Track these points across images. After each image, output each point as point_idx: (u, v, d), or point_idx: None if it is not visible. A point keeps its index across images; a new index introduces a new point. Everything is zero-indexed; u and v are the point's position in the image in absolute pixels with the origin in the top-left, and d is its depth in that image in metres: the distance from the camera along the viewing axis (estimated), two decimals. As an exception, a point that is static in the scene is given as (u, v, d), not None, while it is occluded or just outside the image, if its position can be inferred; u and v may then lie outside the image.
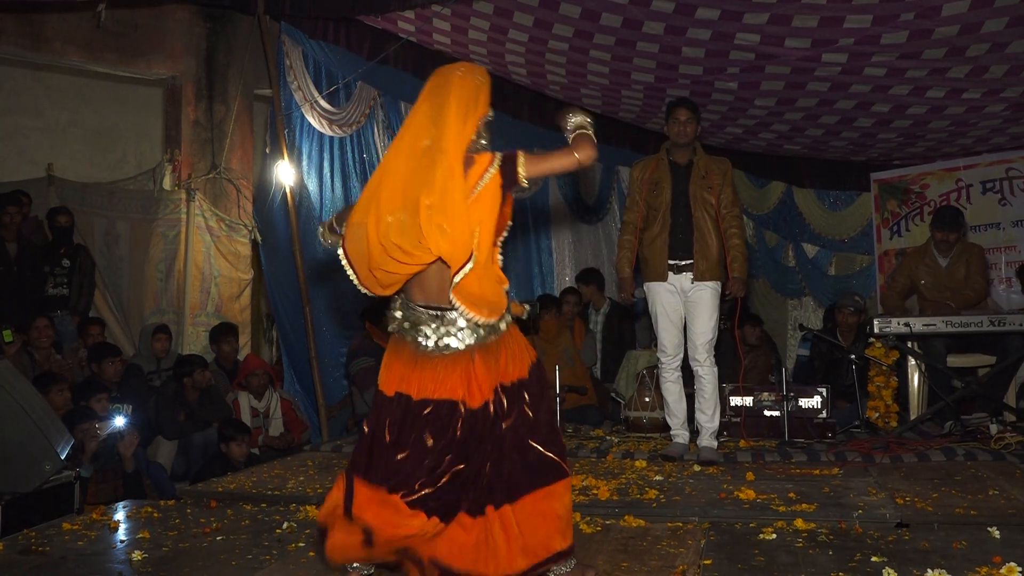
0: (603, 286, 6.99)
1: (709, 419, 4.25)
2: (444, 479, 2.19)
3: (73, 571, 2.60)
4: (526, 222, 7.68)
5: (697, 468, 4.00)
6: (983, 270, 5.26)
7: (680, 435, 4.32)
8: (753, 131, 7.38)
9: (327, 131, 6.08)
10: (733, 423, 4.81)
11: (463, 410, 2.22)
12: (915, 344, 4.96)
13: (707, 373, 4.20)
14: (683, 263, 4.19)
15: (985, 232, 7.26)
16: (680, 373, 4.32)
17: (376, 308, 5.28)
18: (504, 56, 6.34)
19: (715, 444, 4.28)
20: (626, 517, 3.04)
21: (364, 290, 2.30)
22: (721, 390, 4.60)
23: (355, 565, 2.35)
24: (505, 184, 2.24)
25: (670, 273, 4.20)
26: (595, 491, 3.40)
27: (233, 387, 5.67)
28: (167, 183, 6.40)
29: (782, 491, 3.38)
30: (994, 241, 7.17)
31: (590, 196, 8.22)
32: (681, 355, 4.28)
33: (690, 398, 4.38)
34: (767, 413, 4.84)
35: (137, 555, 2.71)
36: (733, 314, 6.21)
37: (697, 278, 4.16)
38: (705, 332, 4.18)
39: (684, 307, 4.22)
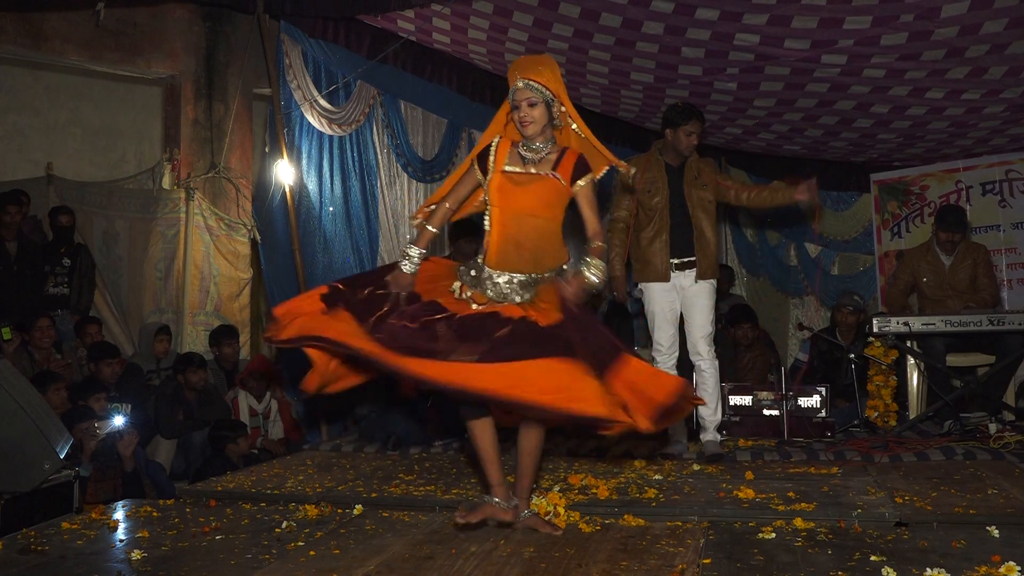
0: None
1: (712, 413, 4.28)
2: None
3: (72, 570, 2.60)
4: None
5: (696, 467, 4.00)
6: (991, 271, 5.30)
7: (678, 434, 4.33)
8: (752, 132, 7.38)
9: (326, 130, 6.08)
10: (732, 422, 4.81)
11: None
12: (914, 343, 4.97)
13: (709, 367, 4.24)
14: (683, 260, 4.22)
15: (985, 234, 7.26)
16: (676, 372, 4.34)
17: None
18: (504, 56, 6.34)
19: (718, 438, 4.30)
20: (625, 516, 3.05)
21: None
22: (720, 389, 4.61)
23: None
24: None
25: (670, 272, 4.22)
26: (594, 490, 3.40)
27: (236, 383, 5.67)
28: (166, 182, 6.39)
29: (781, 490, 3.38)
30: (994, 243, 7.17)
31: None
32: (676, 353, 4.30)
33: None
34: (766, 412, 4.85)
35: (136, 554, 2.71)
36: (729, 315, 6.22)
37: (699, 276, 4.19)
38: (705, 326, 4.22)
39: (681, 304, 4.25)
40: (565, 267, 2.93)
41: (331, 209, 6.14)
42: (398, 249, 6.69)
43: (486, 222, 2.94)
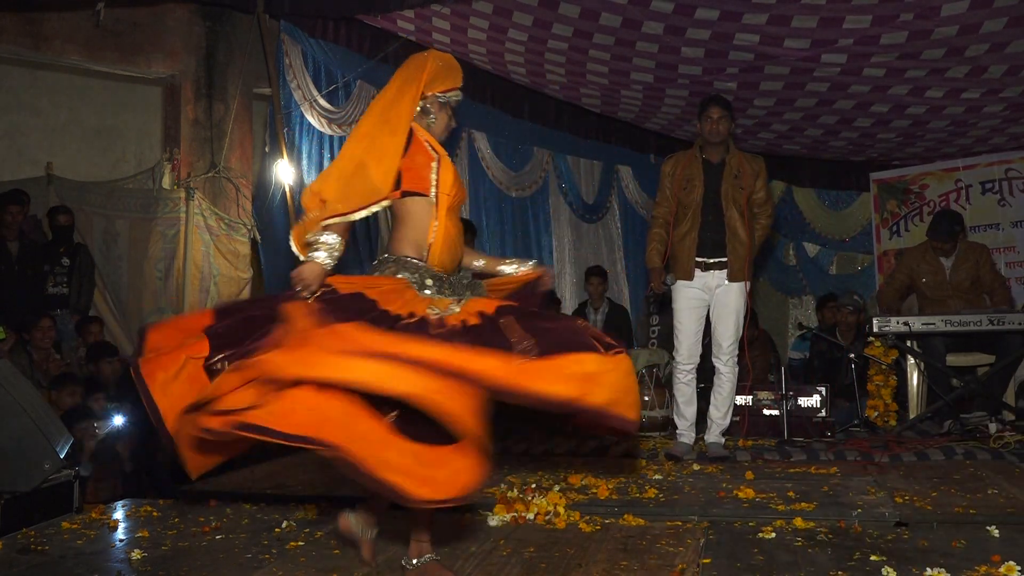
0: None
1: (722, 416, 4.27)
2: None
3: (72, 570, 2.60)
4: (526, 221, 7.69)
5: (696, 467, 4.00)
6: (996, 270, 5.34)
7: (686, 436, 4.32)
8: (752, 131, 7.39)
9: (326, 130, 6.08)
10: (732, 422, 4.81)
11: None
12: (914, 343, 4.97)
13: (728, 372, 4.24)
14: (712, 260, 4.18)
15: (984, 233, 7.26)
16: (694, 375, 4.32)
17: None
18: (503, 55, 6.34)
19: (723, 440, 4.30)
20: (625, 516, 3.05)
21: None
22: None
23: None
24: None
25: (697, 271, 4.19)
26: (594, 490, 3.40)
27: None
28: (166, 182, 6.40)
29: (781, 490, 3.38)
30: (993, 242, 7.18)
31: (590, 195, 8.23)
32: (696, 361, 4.28)
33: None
34: (766, 412, 4.85)
35: (136, 554, 2.71)
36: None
37: (730, 277, 4.16)
38: (730, 334, 4.19)
39: (711, 306, 4.22)
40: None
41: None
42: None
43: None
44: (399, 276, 2.38)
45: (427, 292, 2.36)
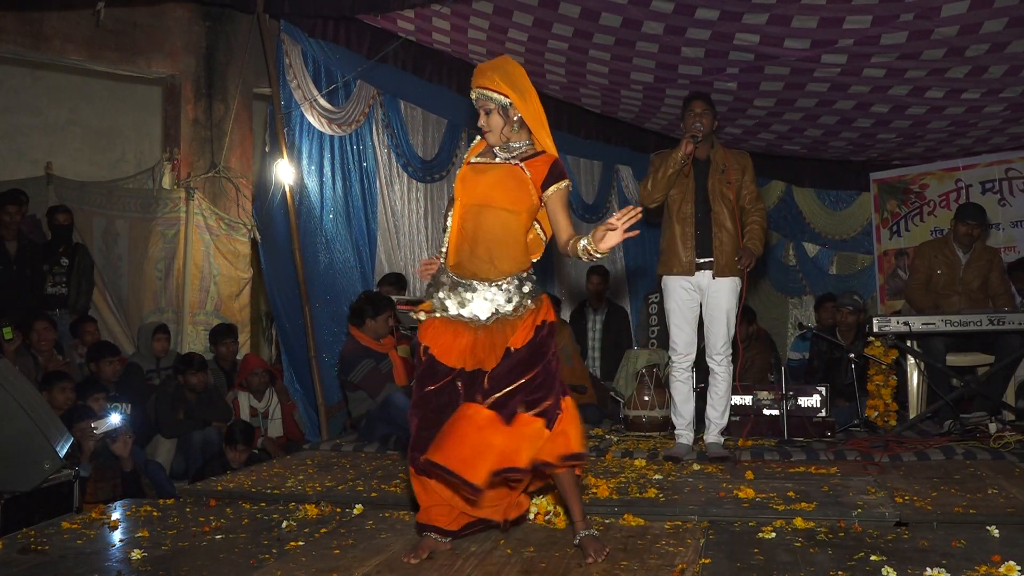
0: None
1: (720, 416, 4.27)
2: None
3: (72, 570, 2.60)
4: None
5: (696, 467, 4.00)
6: (1005, 276, 5.37)
7: (685, 436, 4.31)
8: (752, 131, 7.38)
9: (326, 130, 6.07)
10: (732, 422, 4.81)
11: None
12: (914, 343, 4.97)
13: (723, 372, 4.22)
14: (702, 260, 4.18)
15: (984, 232, 7.28)
16: (691, 373, 4.32)
17: (357, 312, 5.23)
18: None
19: (722, 440, 4.29)
20: (625, 516, 3.05)
21: None
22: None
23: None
24: None
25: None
26: (594, 490, 3.40)
27: (235, 386, 5.67)
28: (166, 182, 6.40)
29: (781, 490, 3.39)
30: (994, 242, 7.18)
31: (590, 195, 8.23)
32: (693, 355, 4.27)
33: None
34: (766, 412, 4.85)
35: (136, 554, 2.71)
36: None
37: (717, 274, 4.16)
38: (723, 333, 4.18)
39: (703, 306, 4.22)
40: (526, 276, 2.70)
41: (331, 209, 6.14)
42: (397, 249, 6.69)
43: (448, 220, 2.71)
44: None
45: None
